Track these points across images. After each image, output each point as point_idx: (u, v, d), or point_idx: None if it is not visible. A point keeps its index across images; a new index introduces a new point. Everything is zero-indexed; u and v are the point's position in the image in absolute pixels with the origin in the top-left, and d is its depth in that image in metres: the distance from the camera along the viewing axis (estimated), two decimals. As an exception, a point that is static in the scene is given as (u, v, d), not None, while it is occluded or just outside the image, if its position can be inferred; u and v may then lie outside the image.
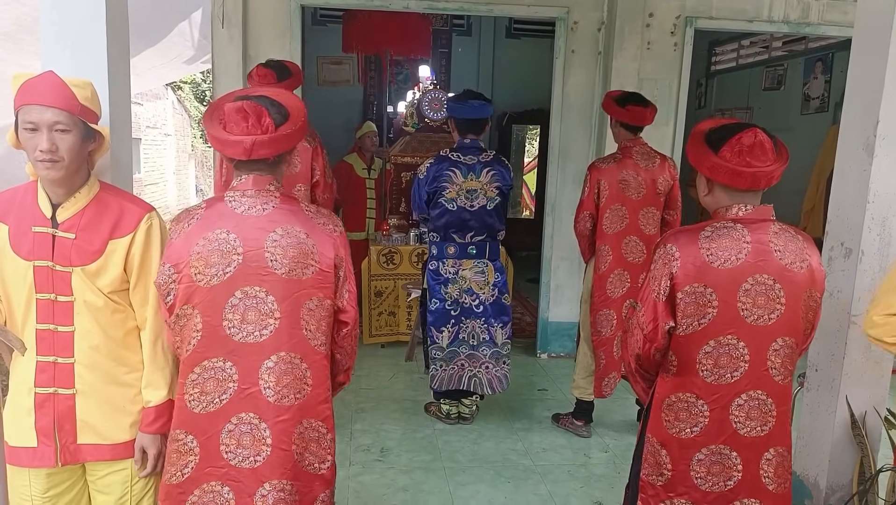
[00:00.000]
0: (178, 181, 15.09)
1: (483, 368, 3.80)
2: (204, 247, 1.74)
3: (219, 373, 1.76)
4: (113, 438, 1.86)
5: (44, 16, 2.11)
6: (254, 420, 1.76)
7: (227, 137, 1.71)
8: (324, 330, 1.83)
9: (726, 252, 1.84)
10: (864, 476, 2.41)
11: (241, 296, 1.74)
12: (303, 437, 1.80)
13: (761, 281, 1.84)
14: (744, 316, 1.85)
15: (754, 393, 1.89)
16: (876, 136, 2.38)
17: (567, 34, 4.92)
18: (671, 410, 1.95)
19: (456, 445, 3.72)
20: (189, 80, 14.89)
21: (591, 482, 3.37)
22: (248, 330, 1.75)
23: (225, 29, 4.48)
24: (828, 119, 6.32)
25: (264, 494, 1.76)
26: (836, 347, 2.53)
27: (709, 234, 1.86)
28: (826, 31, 5.07)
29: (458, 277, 3.75)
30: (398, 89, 8.51)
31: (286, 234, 1.76)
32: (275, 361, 1.76)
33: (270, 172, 1.81)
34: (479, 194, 3.69)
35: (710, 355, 1.88)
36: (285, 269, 1.75)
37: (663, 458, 1.97)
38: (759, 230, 1.86)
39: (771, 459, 1.93)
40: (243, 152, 1.71)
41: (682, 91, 4.97)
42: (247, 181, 1.79)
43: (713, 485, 1.93)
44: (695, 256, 1.85)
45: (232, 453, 1.76)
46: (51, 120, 1.69)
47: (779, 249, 1.85)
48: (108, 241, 1.80)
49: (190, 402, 1.77)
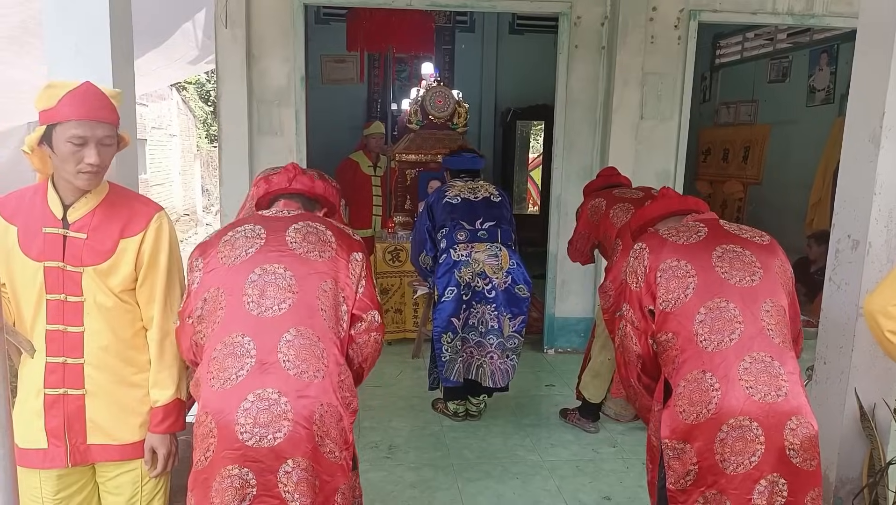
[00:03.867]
0: (184, 181, 15.12)
1: (488, 358, 3.75)
2: (232, 236, 1.90)
3: (237, 348, 1.77)
4: (122, 438, 1.87)
5: (48, 18, 2.12)
6: (272, 395, 1.73)
7: (272, 175, 2.07)
8: (339, 317, 1.87)
9: (686, 232, 2.09)
10: (874, 468, 2.41)
11: (261, 272, 1.83)
12: (323, 420, 1.78)
13: (729, 249, 2.02)
14: (725, 278, 1.96)
15: (757, 355, 1.90)
16: (882, 128, 2.36)
17: (570, 29, 4.91)
18: (683, 397, 1.94)
19: (464, 442, 3.72)
20: (193, 80, 14.92)
21: (599, 477, 3.37)
22: (267, 305, 1.80)
23: (228, 29, 4.49)
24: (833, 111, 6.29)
25: (288, 470, 1.73)
26: (844, 340, 2.52)
27: (666, 227, 2.17)
28: (831, 22, 5.05)
29: (470, 259, 3.71)
30: (401, 87, 8.50)
31: (307, 226, 1.93)
32: (294, 334, 1.79)
33: (303, 208, 2.05)
34: (480, 190, 3.88)
35: (703, 323, 1.94)
36: (303, 249, 1.88)
37: (689, 454, 1.93)
38: (711, 221, 2.14)
39: (795, 428, 1.88)
40: (286, 180, 2.03)
41: (687, 85, 4.95)
42: (278, 205, 2.05)
43: (738, 465, 1.89)
44: (659, 241, 2.08)
45: (248, 434, 1.71)
46: (101, 135, 1.73)
47: (734, 229, 2.10)
48: (119, 240, 1.82)
49: (210, 380, 1.78)
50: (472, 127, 7.95)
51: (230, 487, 1.74)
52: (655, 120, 4.95)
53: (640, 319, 2.03)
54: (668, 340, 1.97)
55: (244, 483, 1.74)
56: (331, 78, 8.76)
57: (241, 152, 4.64)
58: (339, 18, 7.82)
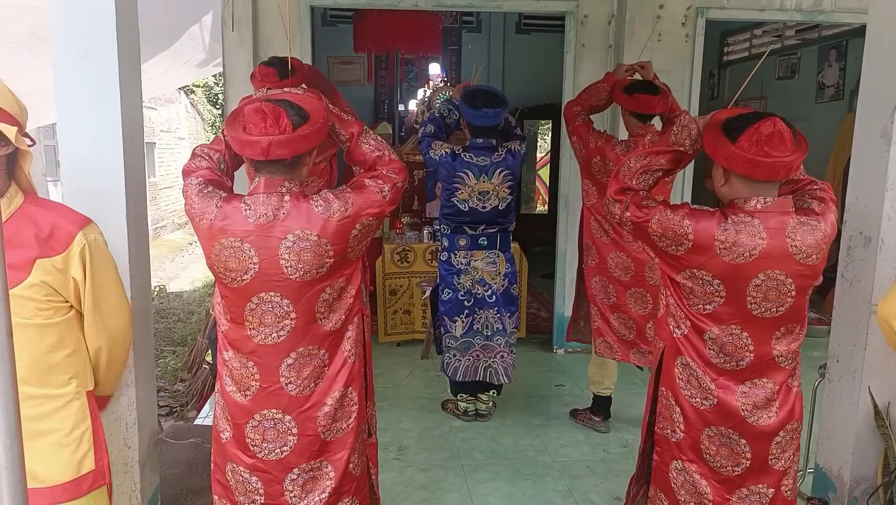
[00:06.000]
0: (193, 184, 15.17)
1: (498, 358, 3.82)
2: (220, 252, 1.77)
3: (245, 369, 1.84)
4: (52, 479, 1.65)
5: (56, 23, 2.12)
6: (277, 415, 1.83)
7: (246, 138, 1.73)
8: (338, 307, 1.87)
9: (741, 246, 1.80)
10: (889, 467, 2.38)
11: (258, 301, 1.79)
12: (327, 415, 1.87)
13: (772, 276, 1.82)
14: (751, 309, 1.86)
15: (759, 382, 1.92)
16: (893, 123, 2.34)
17: (577, 28, 4.89)
18: (685, 370, 1.96)
19: (473, 443, 3.71)
20: (201, 83, 14.98)
21: (610, 477, 3.35)
22: (266, 333, 1.81)
23: (235, 32, 4.49)
24: (843, 107, 6.25)
25: (294, 478, 1.85)
26: (857, 337, 2.49)
27: (725, 228, 1.81)
28: (840, 18, 5.00)
29: (470, 267, 3.76)
30: (409, 88, 8.51)
31: (298, 239, 1.77)
32: (294, 357, 1.82)
33: (287, 174, 1.81)
34: (490, 196, 3.67)
35: (715, 341, 1.90)
36: (299, 273, 1.77)
37: (677, 416, 1.99)
38: (777, 225, 1.81)
39: (780, 441, 1.95)
40: (261, 152, 1.72)
41: (695, 82, 4.92)
42: (259, 185, 1.81)
43: (721, 466, 1.95)
44: (707, 246, 1.82)
45: (257, 447, 1.84)
46: None
47: (796, 243, 1.81)
48: (34, 259, 1.58)
49: (227, 384, 1.87)
50: (480, 127, 7.91)
51: (240, 484, 1.89)
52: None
53: (645, 209, 1.92)
54: (678, 313, 1.95)
55: (253, 490, 1.88)
56: (338, 79, 8.77)
57: (249, 155, 4.64)
58: (346, 20, 7.84)
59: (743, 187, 1.84)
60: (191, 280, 9.60)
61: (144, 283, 2.44)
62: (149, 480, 2.46)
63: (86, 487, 1.70)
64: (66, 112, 2.17)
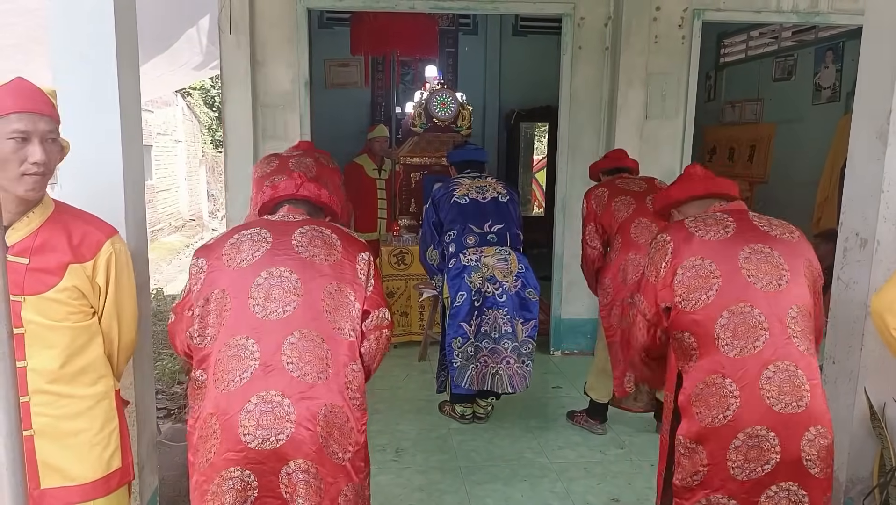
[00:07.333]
0: (190, 187, 15.17)
1: (504, 364, 3.68)
2: (237, 239, 1.91)
3: (241, 350, 1.78)
4: (82, 477, 1.69)
5: (53, 26, 2.12)
6: (276, 397, 1.74)
7: (281, 183, 2.09)
8: (344, 317, 1.87)
9: (714, 227, 1.98)
10: (885, 468, 2.39)
11: (266, 276, 1.84)
12: (327, 420, 1.78)
13: (757, 249, 1.92)
14: (752, 282, 1.89)
15: (782, 364, 1.85)
16: (889, 125, 2.35)
17: (574, 30, 4.90)
18: (700, 400, 1.91)
19: (471, 445, 3.71)
20: (198, 86, 14.96)
21: (607, 479, 3.36)
22: (272, 308, 1.81)
23: (232, 34, 4.50)
24: (840, 109, 6.26)
25: (289, 472, 1.75)
26: (853, 339, 2.50)
27: (693, 220, 2.03)
28: (836, 19, 5.02)
29: (480, 264, 3.67)
30: (405, 90, 8.52)
31: (313, 229, 1.95)
32: (298, 336, 1.80)
33: (308, 213, 2.06)
34: (488, 189, 3.86)
35: (726, 328, 1.88)
36: (309, 253, 1.88)
37: (700, 455, 1.91)
38: (739, 214, 2.03)
39: (813, 439, 1.87)
40: (294, 186, 2.05)
41: (691, 84, 4.94)
42: (283, 210, 2.06)
43: (750, 473, 1.87)
44: (685, 235, 1.98)
45: (251, 436, 1.72)
46: (44, 129, 1.58)
47: (764, 225, 1.99)
48: (67, 265, 1.63)
49: (216, 382, 1.79)
50: (477, 129, 7.94)
51: (231, 489, 1.74)
52: (660, 120, 4.93)
53: (654, 313, 1.97)
54: (685, 339, 1.94)
55: (246, 485, 1.75)
56: (335, 82, 8.78)
57: (247, 157, 4.64)
58: (343, 23, 7.84)
59: (696, 208, 2.15)
60: (188, 282, 9.57)
61: (143, 285, 2.44)
62: (147, 482, 2.45)
63: (114, 484, 1.75)
64: (64, 115, 2.16)
